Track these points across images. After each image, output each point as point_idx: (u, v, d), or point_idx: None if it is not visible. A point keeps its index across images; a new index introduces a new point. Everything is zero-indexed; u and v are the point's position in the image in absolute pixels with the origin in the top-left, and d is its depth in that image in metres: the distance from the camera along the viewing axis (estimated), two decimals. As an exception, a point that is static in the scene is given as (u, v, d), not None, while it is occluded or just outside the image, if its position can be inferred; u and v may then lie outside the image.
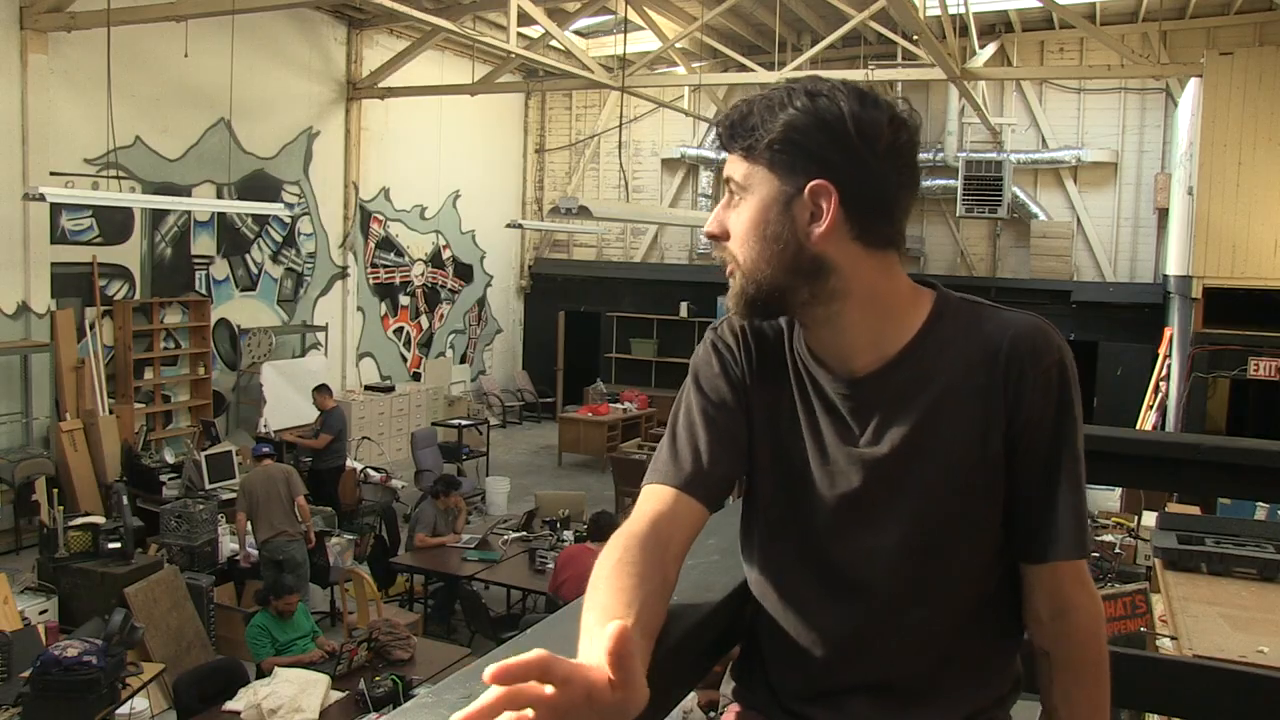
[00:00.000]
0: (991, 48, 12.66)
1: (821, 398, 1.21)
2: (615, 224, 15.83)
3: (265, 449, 8.40)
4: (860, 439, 1.19)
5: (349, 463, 10.52)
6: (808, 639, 1.23)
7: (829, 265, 1.14)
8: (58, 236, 9.81)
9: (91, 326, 10.05)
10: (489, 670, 0.75)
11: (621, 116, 14.77)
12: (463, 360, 16.24)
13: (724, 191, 1.20)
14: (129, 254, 10.66)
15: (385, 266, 14.41)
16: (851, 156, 1.12)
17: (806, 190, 1.12)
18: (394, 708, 3.75)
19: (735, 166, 1.17)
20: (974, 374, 1.16)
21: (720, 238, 1.19)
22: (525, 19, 10.46)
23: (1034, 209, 13.80)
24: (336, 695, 5.44)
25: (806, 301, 1.17)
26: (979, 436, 1.15)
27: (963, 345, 1.17)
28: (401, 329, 14.89)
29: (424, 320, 15.32)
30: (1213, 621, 3.16)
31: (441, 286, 15.60)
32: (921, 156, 14.38)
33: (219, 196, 11.41)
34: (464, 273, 16.07)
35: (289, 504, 7.76)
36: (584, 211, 10.70)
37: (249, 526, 7.83)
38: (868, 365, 1.18)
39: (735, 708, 1.36)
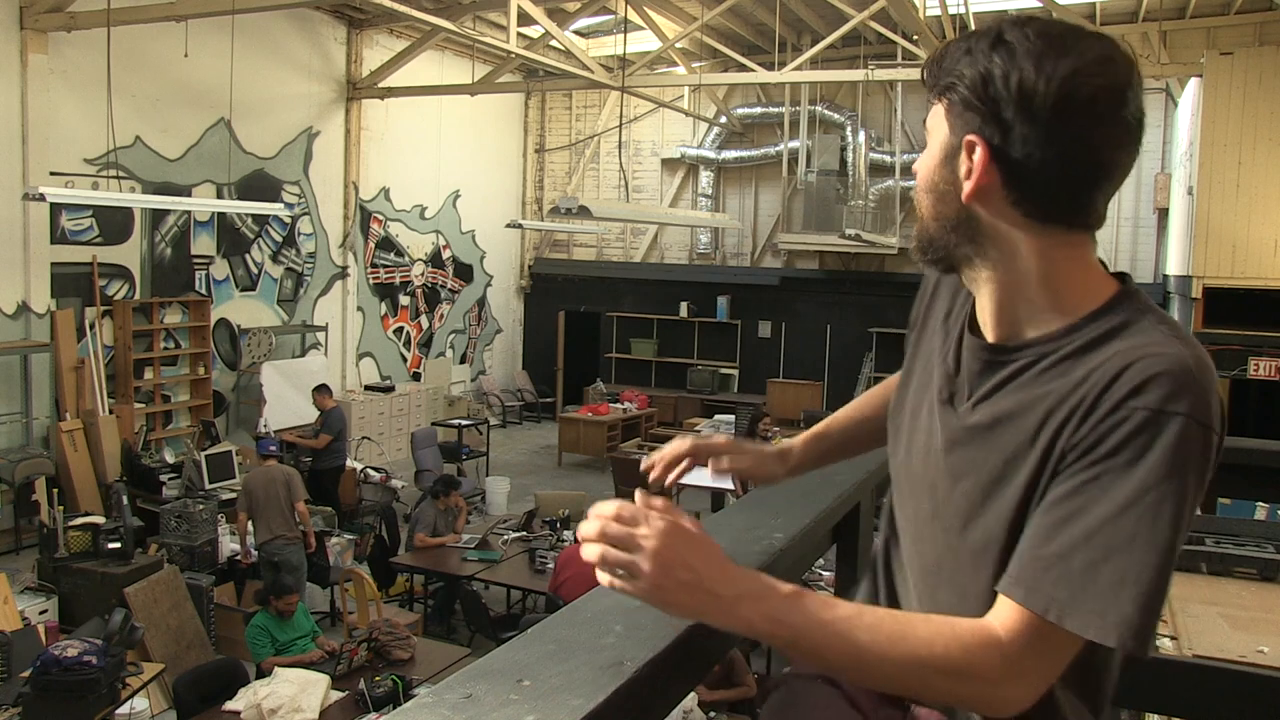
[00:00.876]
0: (991, 48, 12.64)
1: (957, 351, 1.20)
2: (615, 224, 15.83)
3: (270, 447, 8.36)
4: (962, 401, 1.16)
5: (349, 463, 10.52)
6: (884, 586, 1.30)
7: (984, 228, 1.08)
8: (58, 236, 9.81)
9: (91, 326, 10.05)
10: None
11: (621, 116, 14.78)
12: (463, 360, 16.25)
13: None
14: (129, 254, 10.66)
15: (385, 266, 14.41)
16: (1010, 119, 1.02)
17: (963, 143, 1.06)
18: (394, 708, 3.75)
19: (929, 110, 1.13)
20: (1076, 388, 1.03)
21: (916, 173, 1.16)
22: (525, 19, 10.46)
23: (1034, 209, 13.79)
24: (336, 695, 5.44)
25: (967, 260, 1.12)
26: (1030, 453, 1.06)
27: (1091, 356, 1.04)
28: (401, 329, 14.89)
29: (424, 320, 15.32)
30: (1212, 621, 3.16)
31: (441, 286, 15.60)
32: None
33: (219, 196, 11.42)
34: (464, 273, 16.07)
35: (288, 507, 7.74)
36: (584, 211, 10.70)
37: (250, 526, 7.83)
38: (1006, 336, 1.13)
39: None
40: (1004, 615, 0.99)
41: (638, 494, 1.00)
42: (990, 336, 1.14)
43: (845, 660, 0.99)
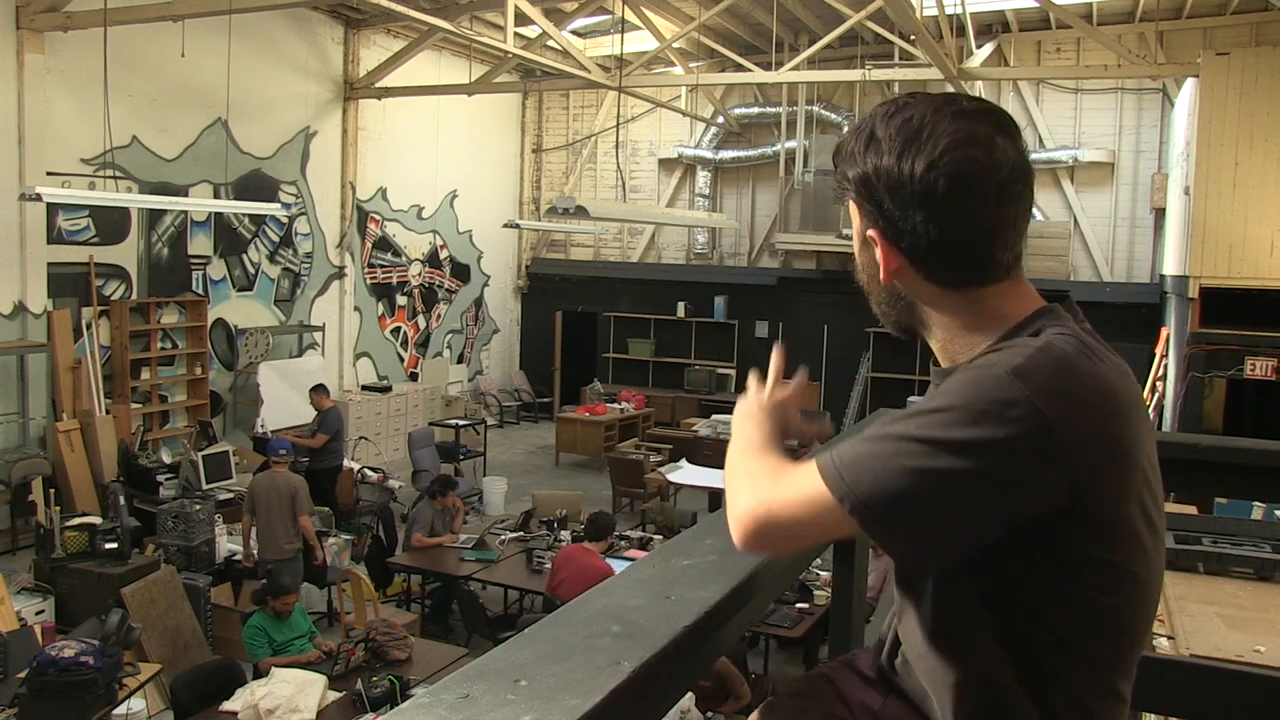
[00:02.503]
0: (988, 48, 12.66)
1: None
2: (612, 224, 15.83)
3: (281, 450, 8.14)
4: None
5: (346, 463, 10.52)
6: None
7: (908, 300, 1.20)
8: (54, 236, 9.80)
9: (88, 326, 10.04)
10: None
11: (619, 116, 14.78)
12: (460, 360, 16.24)
13: None
14: (126, 254, 10.65)
15: (382, 266, 14.41)
16: (892, 212, 1.13)
17: (866, 236, 1.19)
18: (391, 708, 3.75)
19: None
20: None
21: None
22: (522, 19, 10.46)
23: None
24: (334, 695, 5.44)
25: (913, 325, 1.24)
26: None
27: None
28: (399, 329, 14.89)
29: (421, 320, 15.32)
30: (1209, 621, 3.17)
31: (439, 286, 15.60)
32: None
33: (216, 196, 11.41)
34: (461, 273, 16.06)
35: (291, 520, 7.66)
36: (581, 211, 10.70)
37: (254, 530, 7.77)
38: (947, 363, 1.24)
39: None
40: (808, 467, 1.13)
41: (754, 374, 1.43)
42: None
43: (728, 462, 1.26)
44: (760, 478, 1.17)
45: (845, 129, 14.59)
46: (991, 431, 1.00)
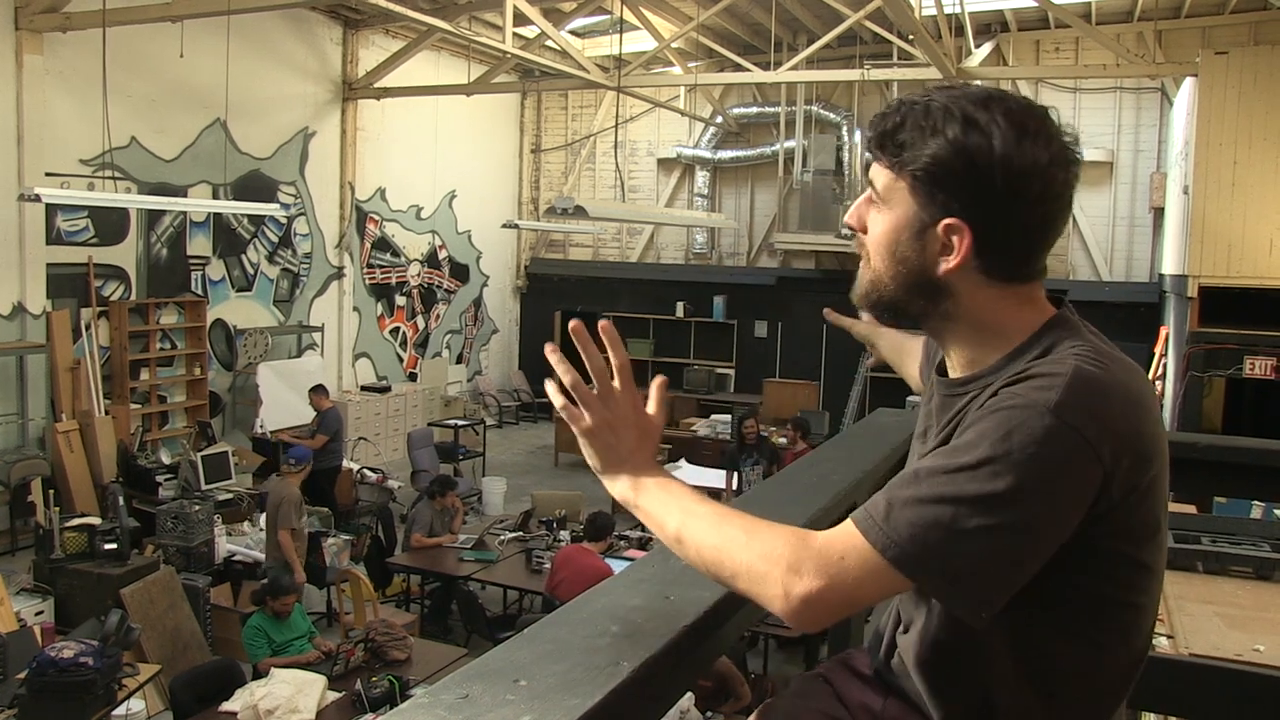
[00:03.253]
0: (987, 47, 12.67)
1: (932, 390, 1.29)
2: (611, 224, 15.82)
3: (292, 459, 7.94)
4: (929, 436, 1.25)
5: (345, 463, 10.51)
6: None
7: (949, 292, 1.16)
8: (53, 237, 9.79)
9: (87, 327, 10.03)
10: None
11: (617, 116, 14.77)
12: (459, 360, 16.24)
13: (867, 185, 1.22)
14: (125, 254, 10.65)
15: (381, 267, 14.40)
16: (995, 203, 1.10)
17: (941, 225, 1.12)
18: (390, 708, 3.76)
19: (878, 174, 1.18)
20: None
21: (859, 230, 1.22)
22: (521, 19, 10.46)
23: (1030, 208, 13.83)
24: (333, 696, 5.44)
25: (921, 314, 1.20)
26: None
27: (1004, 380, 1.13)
28: (398, 329, 14.88)
29: (420, 320, 15.31)
30: (1208, 620, 3.17)
31: (438, 287, 15.60)
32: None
33: (215, 197, 11.40)
34: (460, 273, 16.06)
35: (273, 530, 7.54)
36: (580, 211, 10.70)
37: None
38: (959, 373, 1.23)
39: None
40: (835, 528, 1.09)
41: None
42: (951, 374, 1.25)
43: (676, 537, 1.14)
44: (785, 552, 1.06)
45: (844, 128, 14.60)
46: (1047, 475, 1.00)
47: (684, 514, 1.14)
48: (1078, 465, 1.01)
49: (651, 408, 1.23)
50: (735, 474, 9.68)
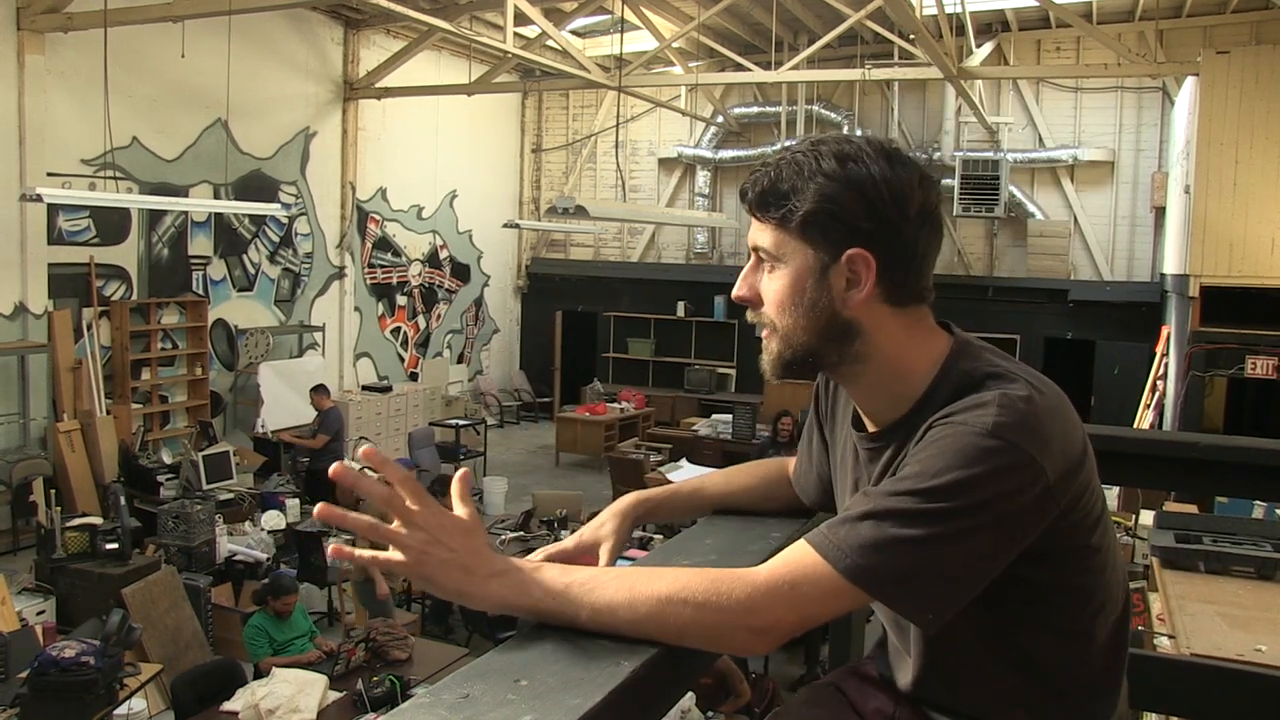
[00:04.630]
0: (988, 47, 12.66)
1: (853, 446, 1.30)
2: (612, 224, 15.82)
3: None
4: (859, 485, 1.27)
5: (346, 463, 10.50)
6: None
7: (858, 328, 1.17)
8: (55, 237, 9.80)
9: (89, 327, 10.04)
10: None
11: (618, 116, 14.77)
12: (460, 360, 16.24)
13: (750, 255, 1.22)
14: (126, 254, 10.65)
15: (382, 266, 14.41)
16: (887, 223, 1.14)
17: (844, 259, 1.14)
18: (392, 708, 3.76)
19: (765, 235, 1.18)
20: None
21: (753, 302, 1.22)
22: (522, 19, 10.45)
23: (1031, 208, 13.82)
24: (334, 695, 5.44)
25: (835, 363, 1.21)
26: None
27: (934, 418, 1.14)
28: (399, 329, 14.89)
29: (421, 320, 15.31)
30: (1210, 620, 3.17)
31: (439, 286, 15.60)
32: (918, 155, 14.53)
33: (216, 197, 11.41)
34: (461, 273, 16.06)
35: None
36: (581, 211, 10.70)
37: None
38: (880, 423, 1.23)
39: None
40: (772, 560, 1.08)
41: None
42: (868, 426, 1.25)
43: (591, 614, 1.04)
44: (735, 596, 1.04)
45: (845, 127, 14.60)
46: (995, 489, 1.03)
47: (587, 590, 1.05)
48: (1023, 479, 1.04)
49: (458, 509, 1.10)
50: None
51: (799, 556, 1.06)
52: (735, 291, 1.24)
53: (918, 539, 1.02)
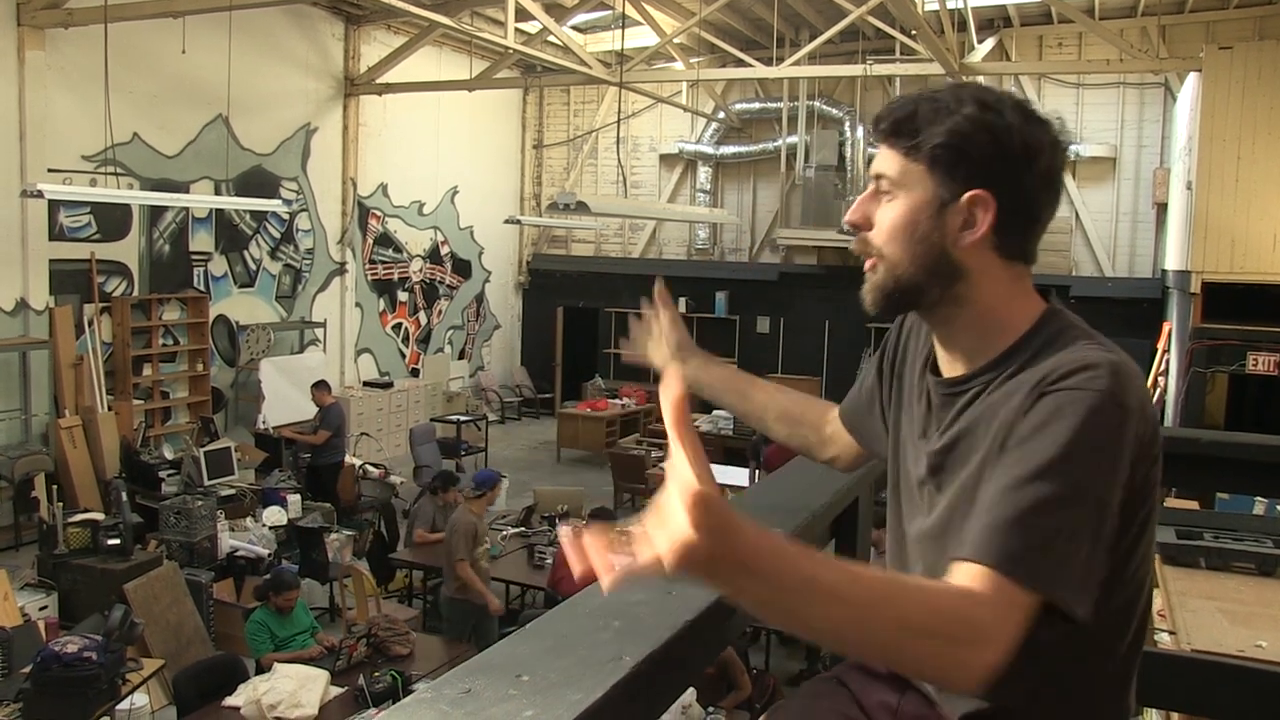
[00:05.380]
0: (990, 42, 12.65)
1: (925, 391, 1.29)
2: (613, 220, 15.82)
3: (473, 483, 7.45)
4: (930, 435, 1.26)
5: (348, 459, 10.52)
6: None
7: (964, 271, 1.17)
8: (56, 233, 9.80)
9: (90, 323, 10.04)
10: None
11: (619, 112, 14.76)
12: (461, 356, 16.24)
13: (870, 183, 1.21)
14: (127, 251, 10.65)
15: (383, 262, 14.41)
16: (1013, 171, 1.15)
17: (965, 198, 1.15)
18: (393, 703, 3.76)
19: (890, 162, 1.18)
20: (1010, 400, 1.11)
21: (862, 227, 1.21)
22: (523, 14, 10.44)
23: (1032, 204, 13.81)
24: (336, 691, 5.45)
25: (935, 302, 1.21)
26: (984, 462, 1.13)
27: (1026, 371, 1.13)
28: (400, 325, 14.89)
29: (422, 316, 15.31)
30: (1211, 616, 3.17)
31: (440, 282, 15.60)
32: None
33: (217, 193, 11.41)
34: (462, 269, 16.06)
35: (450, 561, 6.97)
36: (582, 207, 10.70)
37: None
38: (960, 370, 1.23)
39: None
40: (976, 582, 0.97)
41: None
42: (946, 372, 1.25)
43: (826, 622, 0.91)
44: (931, 614, 0.94)
45: (846, 123, 14.58)
46: (1119, 459, 1.04)
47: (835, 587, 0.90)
48: (1137, 449, 1.06)
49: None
50: (757, 465, 9.83)
51: (991, 584, 0.96)
52: (848, 216, 1.23)
53: (1077, 529, 1.00)
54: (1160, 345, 10.51)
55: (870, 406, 1.47)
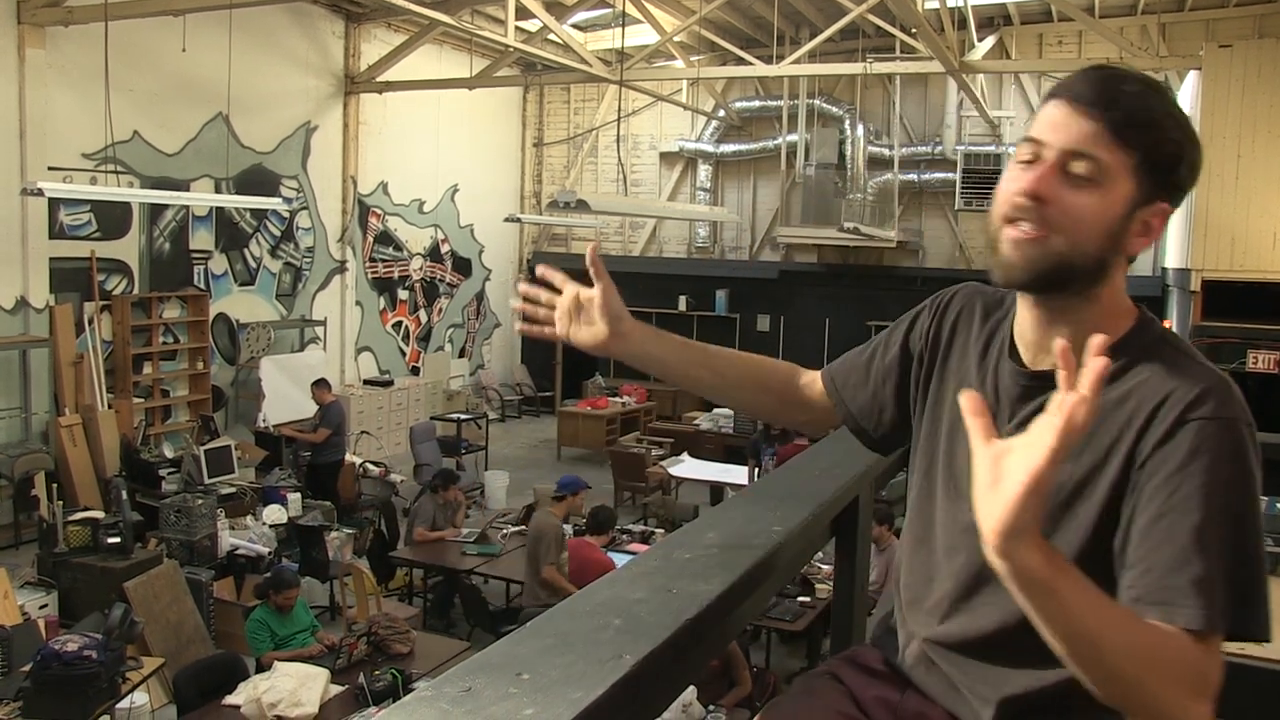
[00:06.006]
0: (990, 41, 12.64)
1: (994, 377, 1.28)
2: (614, 218, 15.81)
3: (558, 486, 7.39)
4: (1003, 424, 1.21)
5: (348, 457, 10.52)
6: (908, 595, 1.34)
7: (1116, 260, 1.19)
8: (56, 231, 9.80)
9: (90, 321, 10.04)
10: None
11: (619, 110, 14.75)
12: (461, 354, 16.25)
13: (1035, 154, 1.15)
14: (127, 249, 10.65)
15: (384, 261, 14.40)
16: (1182, 195, 1.19)
17: (1155, 207, 1.16)
18: (393, 701, 3.76)
19: (1101, 147, 1.12)
20: (1135, 414, 1.12)
21: (1043, 201, 1.14)
22: (523, 13, 10.45)
23: (1033, 202, 13.81)
24: (336, 689, 5.44)
25: (1080, 288, 1.19)
26: (1095, 470, 1.13)
27: (1140, 387, 1.13)
28: (400, 323, 14.88)
29: (422, 314, 15.31)
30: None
31: (440, 280, 15.59)
32: (920, 150, 14.53)
33: (217, 191, 11.41)
34: (462, 267, 16.06)
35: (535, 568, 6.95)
36: (582, 205, 10.70)
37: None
38: (1043, 363, 1.22)
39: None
40: (1202, 638, 1.00)
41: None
42: (1033, 364, 1.24)
43: (1088, 635, 0.96)
44: (1180, 665, 0.98)
45: (846, 121, 14.55)
46: (1257, 470, 1.10)
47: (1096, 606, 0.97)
48: (1260, 456, 1.11)
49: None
50: (757, 464, 9.82)
51: (1217, 640, 1.01)
52: (1031, 187, 1.14)
53: (1255, 558, 1.06)
54: (1160, 343, 10.51)
55: (882, 381, 1.44)
